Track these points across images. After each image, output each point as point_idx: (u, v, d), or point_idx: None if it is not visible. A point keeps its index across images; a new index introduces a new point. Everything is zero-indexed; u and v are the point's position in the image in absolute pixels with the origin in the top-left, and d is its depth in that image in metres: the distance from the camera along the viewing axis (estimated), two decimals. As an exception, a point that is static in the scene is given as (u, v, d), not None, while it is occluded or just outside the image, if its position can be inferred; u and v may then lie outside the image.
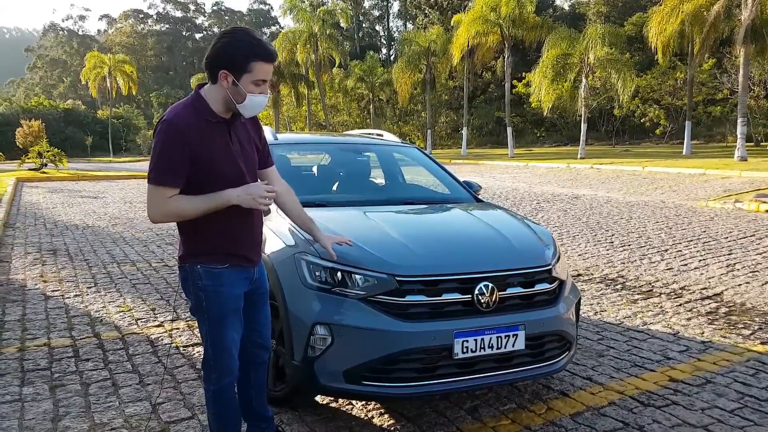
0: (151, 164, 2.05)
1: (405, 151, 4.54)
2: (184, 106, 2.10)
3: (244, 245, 2.22)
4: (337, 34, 39.52)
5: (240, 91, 2.03)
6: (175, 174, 2.03)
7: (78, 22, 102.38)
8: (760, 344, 3.85)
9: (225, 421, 2.32)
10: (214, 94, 2.08)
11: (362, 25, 67.01)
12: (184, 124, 2.04)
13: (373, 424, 2.81)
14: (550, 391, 3.16)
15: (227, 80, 2.02)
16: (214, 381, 2.25)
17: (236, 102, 2.06)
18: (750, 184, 12.79)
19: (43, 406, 2.97)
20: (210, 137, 2.07)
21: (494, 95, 42.22)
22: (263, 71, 2.04)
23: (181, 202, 2.05)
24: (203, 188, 2.07)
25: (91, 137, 45.80)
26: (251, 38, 2.03)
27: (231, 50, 2.00)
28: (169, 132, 2.02)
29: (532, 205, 10.91)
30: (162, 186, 2.04)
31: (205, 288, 2.16)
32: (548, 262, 2.89)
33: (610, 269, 5.98)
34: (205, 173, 2.06)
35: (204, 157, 2.05)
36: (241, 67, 2.01)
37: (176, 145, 2.01)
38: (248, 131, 2.25)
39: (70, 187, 16.48)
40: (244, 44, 2.00)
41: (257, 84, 2.04)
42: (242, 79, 2.02)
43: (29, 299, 4.98)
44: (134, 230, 8.74)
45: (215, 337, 2.20)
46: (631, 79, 23.45)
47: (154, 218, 2.10)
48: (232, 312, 2.21)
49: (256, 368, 2.45)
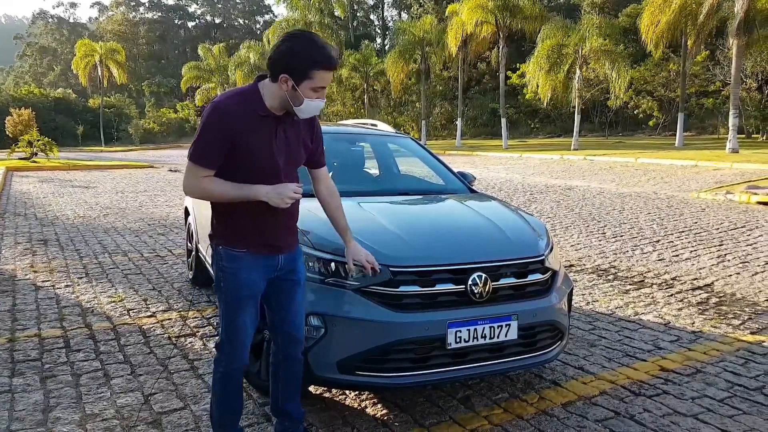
0: (193, 142, 2.11)
1: (399, 141, 4.52)
2: (237, 94, 2.13)
3: (268, 234, 2.21)
4: (332, 22, 39.22)
5: (298, 95, 2.06)
6: (211, 156, 2.08)
7: (69, 10, 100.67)
8: (750, 334, 3.89)
9: (226, 407, 2.33)
10: (272, 91, 2.10)
11: (357, 15, 66.53)
12: (230, 110, 2.07)
13: (367, 413, 2.81)
14: (542, 381, 3.18)
15: (287, 84, 2.04)
16: (223, 364, 2.27)
17: (294, 105, 2.09)
18: (741, 175, 12.87)
19: (34, 397, 2.96)
20: (254, 129, 2.09)
21: (489, 86, 42.13)
22: (323, 79, 2.06)
23: (212, 185, 2.10)
24: (237, 176, 2.11)
25: (82, 126, 45.36)
26: (315, 45, 2.03)
27: (294, 56, 2.02)
28: (214, 115, 2.07)
29: (526, 196, 10.93)
30: (197, 165, 2.09)
31: (224, 269, 2.21)
32: (541, 253, 2.90)
33: (603, 260, 6.00)
34: (240, 162, 2.10)
35: (242, 147, 2.08)
36: (303, 74, 2.02)
37: (217, 129, 2.06)
38: (300, 130, 2.25)
39: (60, 177, 16.34)
40: (307, 51, 2.02)
41: (316, 90, 2.06)
42: (302, 84, 2.04)
43: (19, 290, 4.94)
44: (126, 220, 8.69)
45: (228, 320, 2.23)
46: (626, 71, 23.45)
47: (186, 192, 2.18)
48: (247, 297, 2.22)
49: (286, 362, 2.40)
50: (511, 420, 2.75)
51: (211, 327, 4.02)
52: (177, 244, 6.89)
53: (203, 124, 2.08)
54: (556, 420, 2.75)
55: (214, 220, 2.26)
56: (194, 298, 4.73)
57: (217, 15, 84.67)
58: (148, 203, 10.69)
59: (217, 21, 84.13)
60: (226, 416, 2.34)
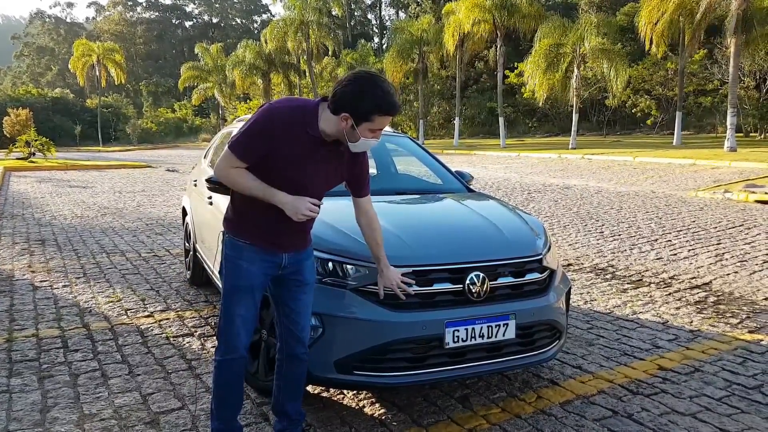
0: (238, 131, 2.18)
1: (397, 141, 4.51)
2: (296, 106, 2.17)
3: (273, 231, 2.25)
4: (330, 22, 39.17)
5: (356, 134, 2.12)
6: (248, 152, 2.14)
7: (66, 10, 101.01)
8: (748, 333, 3.89)
9: (223, 397, 2.34)
10: (330, 120, 2.13)
11: (354, 14, 66.47)
12: (281, 117, 2.13)
13: (364, 413, 2.81)
14: (540, 380, 3.18)
15: (347, 122, 2.09)
16: (219, 353, 2.31)
17: (349, 140, 2.14)
18: (739, 174, 12.89)
19: (32, 397, 2.95)
20: (296, 143, 2.14)
21: (486, 85, 42.12)
22: (383, 122, 2.13)
23: (239, 178, 2.16)
24: (265, 177, 2.16)
25: (80, 126, 45.19)
26: (380, 91, 2.07)
27: (358, 99, 2.07)
28: (265, 116, 2.14)
29: (524, 196, 10.94)
30: (233, 154, 2.15)
31: (227, 257, 2.29)
32: (539, 252, 2.90)
33: (601, 259, 6.01)
34: (272, 167, 2.15)
35: (278, 155, 2.13)
36: (364, 117, 2.08)
37: (262, 130, 2.12)
38: (343, 159, 2.28)
39: (58, 177, 16.30)
40: (371, 97, 2.06)
41: (373, 131, 2.13)
42: (361, 125, 2.10)
43: (17, 290, 4.93)
44: (124, 220, 8.67)
45: (225, 308, 2.28)
46: (624, 70, 23.46)
47: (216, 174, 2.24)
48: (245, 288, 2.26)
49: (289, 361, 2.42)
50: (509, 419, 2.75)
51: (209, 327, 4.01)
52: (175, 244, 6.88)
53: (253, 120, 2.15)
54: (554, 419, 2.75)
55: (229, 209, 2.34)
56: (192, 297, 4.73)
57: (214, 14, 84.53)
58: (146, 203, 10.67)
59: (214, 20, 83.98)
60: (221, 409, 2.35)
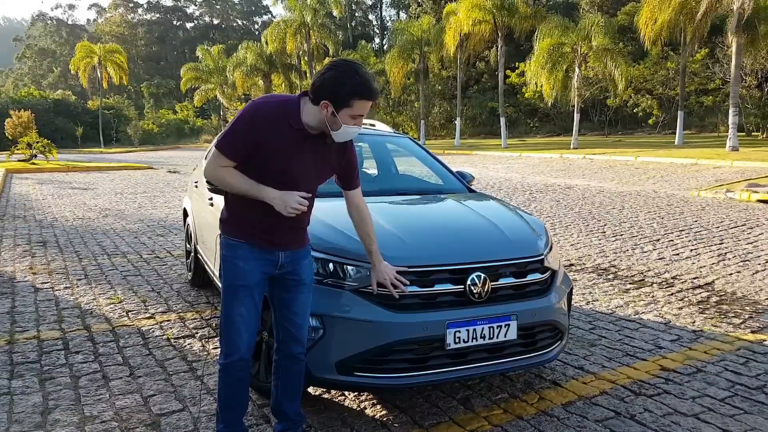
0: (224, 131, 2.22)
1: (398, 141, 4.50)
2: (278, 102, 2.20)
3: (268, 229, 2.25)
4: (330, 23, 39.19)
5: (337, 121, 2.13)
6: (234, 150, 2.16)
7: (67, 11, 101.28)
8: (751, 333, 3.88)
9: (227, 399, 2.33)
10: (311, 111, 2.16)
11: (355, 14, 66.49)
12: (265, 114, 2.15)
13: (366, 414, 2.80)
14: (542, 381, 3.17)
15: (327, 109, 2.11)
16: (222, 355, 2.31)
17: (331, 129, 2.16)
18: (741, 173, 12.86)
19: (33, 399, 2.95)
20: (281, 137, 2.15)
21: (487, 85, 42.08)
22: (362, 108, 2.14)
23: (228, 176, 2.18)
24: (254, 174, 2.17)
25: (82, 128, 45.29)
26: (357, 76, 2.10)
27: (336, 85, 2.09)
28: (249, 113, 2.16)
29: (525, 196, 10.92)
30: (220, 153, 2.18)
31: (224, 257, 2.30)
32: (540, 253, 2.89)
33: (602, 259, 5.99)
34: (260, 163, 2.17)
35: (265, 152, 2.15)
36: (343, 103, 2.10)
37: (247, 127, 2.14)
38: (330, 151, 2.29)
39: (60, 179, 16.33)
40: (349, 82, 2.08)
41: (354, 117, 2.15)
42: (341, 111, 2.11)
43: (18, 291, 4.93)
44: (125, 222, 8.68)
45: (225, 309, 2.29)
46: (626, 69, 23.43)
47: (206, 175, 2.28)
48: (243, 287, 2.26)
49: (287, 362, 2.42)
50: (510, 420, 2.74)
51: (210, 328, 4.01)
52: (176, 246, 6.88)
53: (237, 117, 2.18)
54: (557, 420, 2.74)
55: (224, 209, 2.34)
56: (193, 299, 4.72)
57: (215, 16, 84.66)
58: (147, 205, 10.68)
59: (215, 22, 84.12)
60: (225, 411, 2.34)
